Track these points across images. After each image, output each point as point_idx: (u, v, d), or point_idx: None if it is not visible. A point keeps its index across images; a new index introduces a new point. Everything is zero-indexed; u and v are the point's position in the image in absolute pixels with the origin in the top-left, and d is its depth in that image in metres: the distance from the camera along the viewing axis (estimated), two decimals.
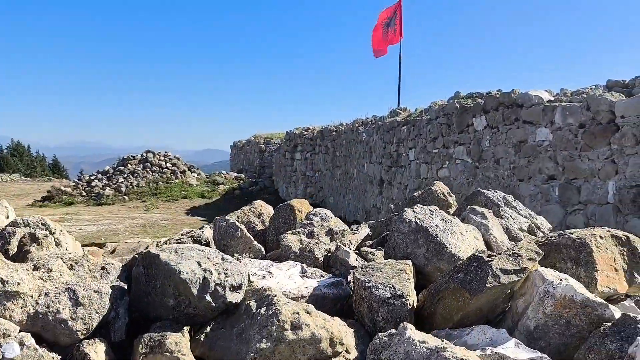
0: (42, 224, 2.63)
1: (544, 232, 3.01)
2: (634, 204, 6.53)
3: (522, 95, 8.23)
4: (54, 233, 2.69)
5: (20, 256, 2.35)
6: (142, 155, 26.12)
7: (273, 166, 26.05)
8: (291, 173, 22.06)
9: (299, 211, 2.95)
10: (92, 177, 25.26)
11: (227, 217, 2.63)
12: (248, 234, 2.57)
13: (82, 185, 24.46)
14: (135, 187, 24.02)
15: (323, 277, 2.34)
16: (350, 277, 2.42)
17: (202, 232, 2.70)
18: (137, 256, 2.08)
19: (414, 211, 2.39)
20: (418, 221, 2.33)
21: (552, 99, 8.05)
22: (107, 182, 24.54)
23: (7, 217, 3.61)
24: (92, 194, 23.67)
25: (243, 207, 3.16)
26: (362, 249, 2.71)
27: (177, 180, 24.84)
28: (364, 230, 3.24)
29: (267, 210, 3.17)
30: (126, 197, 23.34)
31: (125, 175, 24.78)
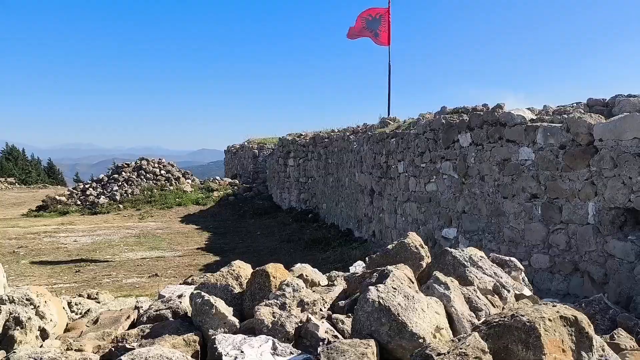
0: (26, 299, 2.75)
1: (508, 290, 3.16)
2: (612, 226, 6.69)
3: (505, 115, 8.37)
4: (38, 306, 2.81)
5: (5, 340, 2.48)
6: (136, 163, 26.20)
7: (267, 171, 26.18)
8: (285, 179, 22.20)
9: (274, 277, 3.09)
10: (87, 186, 25.34)
11: (202, 293, 2.76)
12: (222, 310, 2.71)
13: (76, 194, 24.55)
14: (129, 195, 24.11)
15: (293, 354, 2.48)
16: (320, 349, 2.56)
17: (181, 302, 2.84)
18: (113, 349, 2.21)
19: (377, 290, 2.53)
20: (381, 300, 2.47)
21: (535, 117, 8.20)
22: (101, 190, 24.63)
23: None
24: (87, 203, 23.77)
25: (222, 269, 3.30)
26: (334, 316, 2.86)
27: (171, 187, 24.94)
28: (339, 287, 3.38)
29: (246, 272, 3.31)
30: (121, 206, 23.45)
31: (120, 183, 24.87)
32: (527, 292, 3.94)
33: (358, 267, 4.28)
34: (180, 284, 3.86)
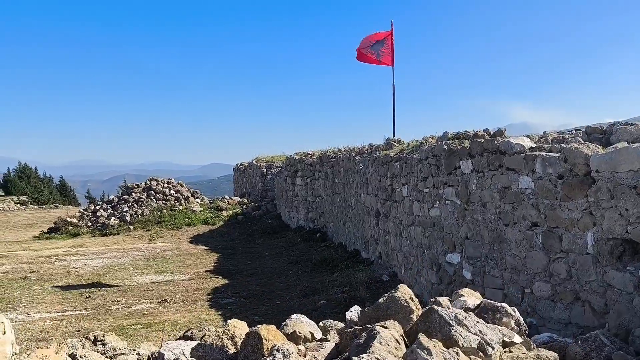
0: None
1: (493, 347, 3.26)
2: (611, 256, 6.75)
3: (504, 143, 8.47)
4: None
5: None
6: (145, 183, 26.52)
7: (275, 190, 26.37)
8: (292, 198, 22.36)
9: (266, 340, 3.22)
10: (98, 207, 25.67)
11: None
12: None
13: (87, 216, 24.88)
14: (139, 216, 24.38)
15: None
16: None
17: None
18: None
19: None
20: None
21: (534, 146, 8.28)
22: (112, 211, 24.94)
23: (4, 333, 3.88)
24: (98, 224, 24.07)
25: (217, 329, 3.44)
26: None
27: (180, 207, 25.18)
28: (331, 343, 3.51)
29: (240, 331, 3.45)
30: (131, 227, 23.71)
31: (130, 204, 25.17)
32: (518, 339, 4.03)
33: (354, 312, 4.40)
34: (179, 337, 4.01)
